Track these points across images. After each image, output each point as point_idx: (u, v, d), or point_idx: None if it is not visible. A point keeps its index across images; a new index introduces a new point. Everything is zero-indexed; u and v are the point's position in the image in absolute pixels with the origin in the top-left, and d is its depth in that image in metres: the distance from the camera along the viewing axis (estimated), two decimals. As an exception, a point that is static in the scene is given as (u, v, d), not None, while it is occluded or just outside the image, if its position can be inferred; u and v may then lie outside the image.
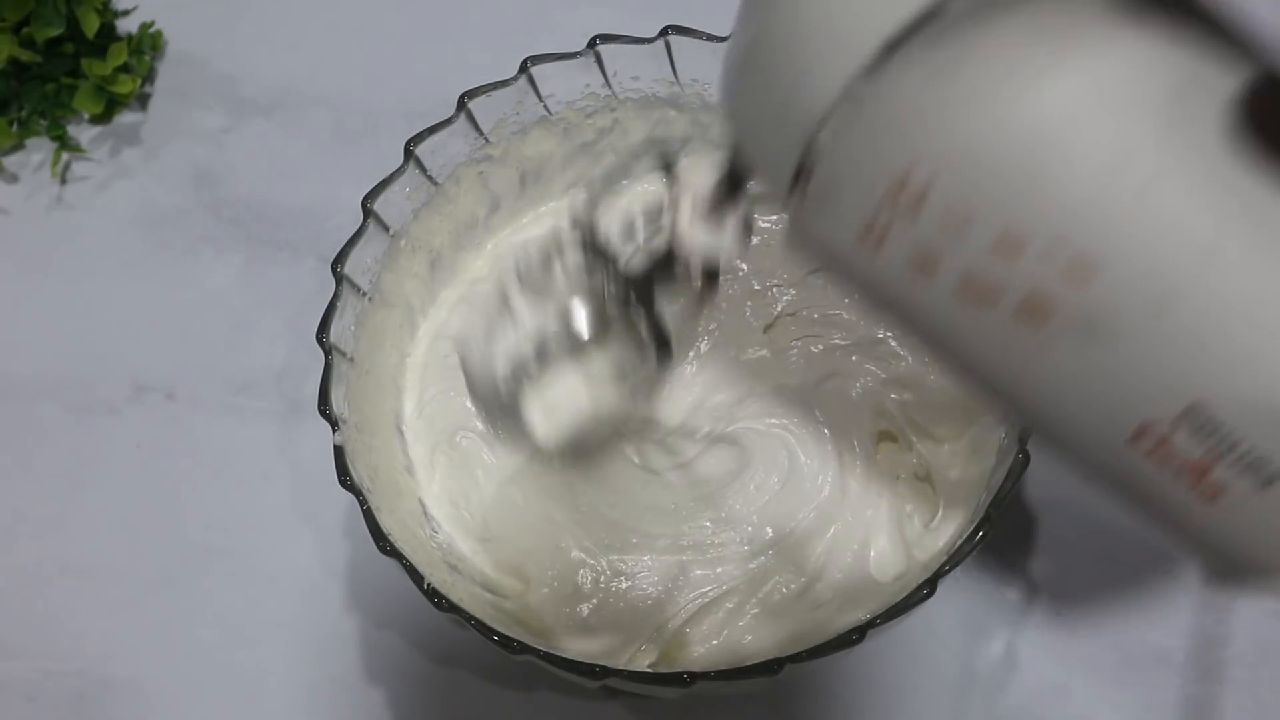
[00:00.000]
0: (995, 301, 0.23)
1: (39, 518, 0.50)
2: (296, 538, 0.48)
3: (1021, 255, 0.22)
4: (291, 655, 0.47)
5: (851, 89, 0.21)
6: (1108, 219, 0.21)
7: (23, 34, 0.55)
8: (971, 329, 0.24)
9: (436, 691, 0.46)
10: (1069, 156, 0.21)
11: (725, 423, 0.45)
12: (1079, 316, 0.22)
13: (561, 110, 0.46)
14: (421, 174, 0.44)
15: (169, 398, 0.52)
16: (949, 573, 0.36)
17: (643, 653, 0.42)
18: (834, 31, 0.21)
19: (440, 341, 0.47)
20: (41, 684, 0.47)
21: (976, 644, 0.45)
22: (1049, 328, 0.23)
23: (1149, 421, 0.23)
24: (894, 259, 0.24)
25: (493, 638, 0.36)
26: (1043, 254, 0.22)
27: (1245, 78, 0.21)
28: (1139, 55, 0.21)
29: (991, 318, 0.23)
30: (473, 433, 0.45)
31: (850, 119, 0.22)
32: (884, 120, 0.22)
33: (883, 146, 0.22)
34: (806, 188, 0.24)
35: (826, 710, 0.45)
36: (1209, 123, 0.21)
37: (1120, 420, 0.23)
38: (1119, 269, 0.22)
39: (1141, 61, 0.21)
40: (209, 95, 0.58)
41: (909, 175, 0.22)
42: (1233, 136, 0.21)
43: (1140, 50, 0.21)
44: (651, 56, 0.44)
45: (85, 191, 0.57)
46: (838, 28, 0.21)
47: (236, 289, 0.54)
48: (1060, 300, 0.22)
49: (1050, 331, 0.23)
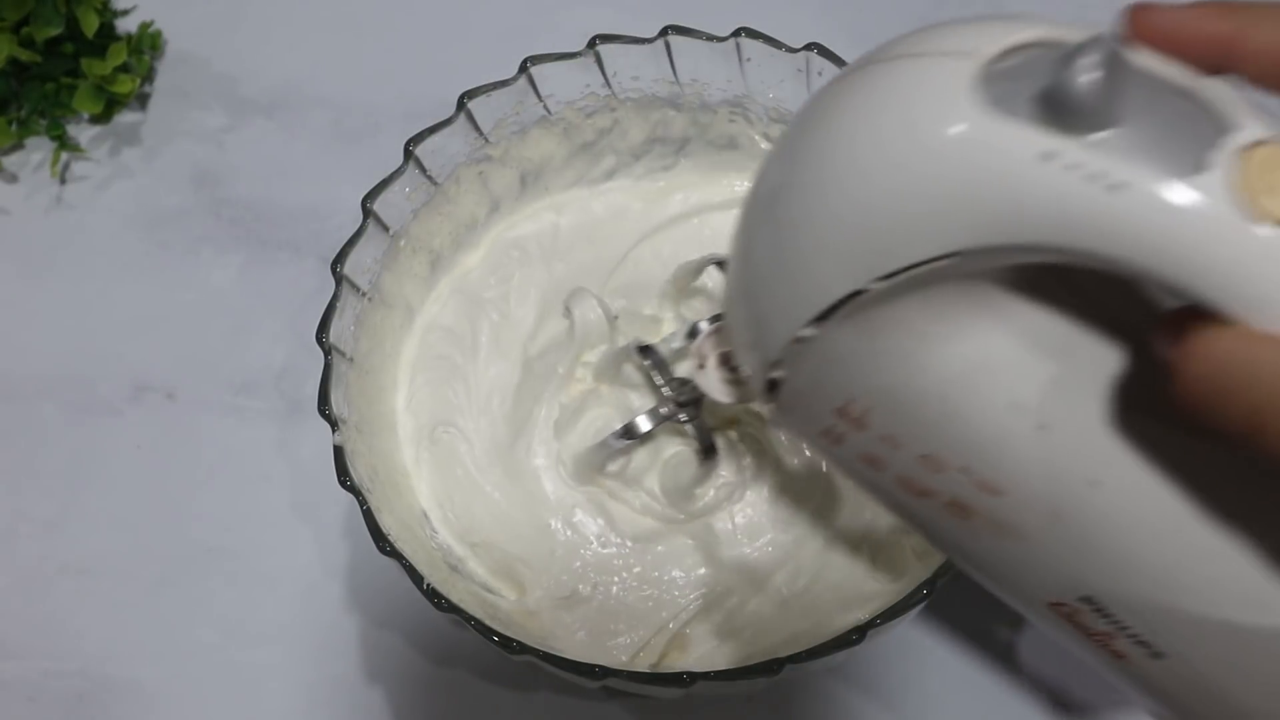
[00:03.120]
0: (928, 497, 0.28)
1: (39, 518, 0.50)
2: (296, 538, 0.48)
3: (941, 471, 0.27)
4: (291, 655, 0.47)
5: (799, 337, 0.27)
6: (1007, 452, 0.26)
7: (22, 33, 0.55)
8: (914, 510, 0.29)
9: (436, 691, 0.46)
10: (969, 406, 0.26)
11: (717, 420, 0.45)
12: (992, 520, 0.27)
13: (561, 110, 0.46)
14: (421, 174, 0.44)
15: (169, 398, 0.52)
16: (949, 573, 0.36)
17: (643, 653, 0.42)
18: (785, 295, 0.27)
19: (431, 333, 0.47)
20: (41, 684, 0.47)
21: (977, 644, 0.45)
22: (971, 523, 0.28)
23: (1058, 599, 0.28)
24: (849, 454, 0.29)
25: (492, 638, 0.36)
26: (957, 473, 0.27)
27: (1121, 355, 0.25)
28: (1027, 320, 0.25)
29: (928, 506, 0.28)
30: (452, 427, 0.45)
31: (800, 358, 0.27)
32: (826, 362, 0.27)
33: (828, 380, 0.28)
34: (777, 397, 0.29)
35: (826, 710, 0.45)
36: (1088, 376, 0.25)
37: (1036, 594, 0.28)
38: (1017, 491, 0.26)
39: (1030, 324, 0.25)
40: (209, 95, 0.58)
41: (849, 403, 0.28)
42: (1113, 398, 0.25)
43: (1029, 316, 0.25)
44: (651, 56, 0.44)
45: (85, 191, 0.57)
46: (787, 294, 0.27)
47: (236, 289, 0.54)
48: (976, 506, 0.27)
49: (973, 525, 0.28)
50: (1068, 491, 0.26)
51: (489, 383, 0.46)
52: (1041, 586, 0.28)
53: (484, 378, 0.46)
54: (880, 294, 0.25)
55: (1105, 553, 0.26)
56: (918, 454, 0.27)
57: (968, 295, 0.25)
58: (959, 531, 0.28)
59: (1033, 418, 0.26)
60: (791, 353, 0.27)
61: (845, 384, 0.28)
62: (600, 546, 0.43)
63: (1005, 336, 0.26)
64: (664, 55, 0.44)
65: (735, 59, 0.43)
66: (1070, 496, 0.26)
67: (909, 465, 0.28)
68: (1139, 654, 0.27)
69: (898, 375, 0.27)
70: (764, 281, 0.27)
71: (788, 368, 0.28)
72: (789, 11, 0.56)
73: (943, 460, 0.27)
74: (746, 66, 0.44)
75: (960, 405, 0.26)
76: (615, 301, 0.46)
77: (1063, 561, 0.27)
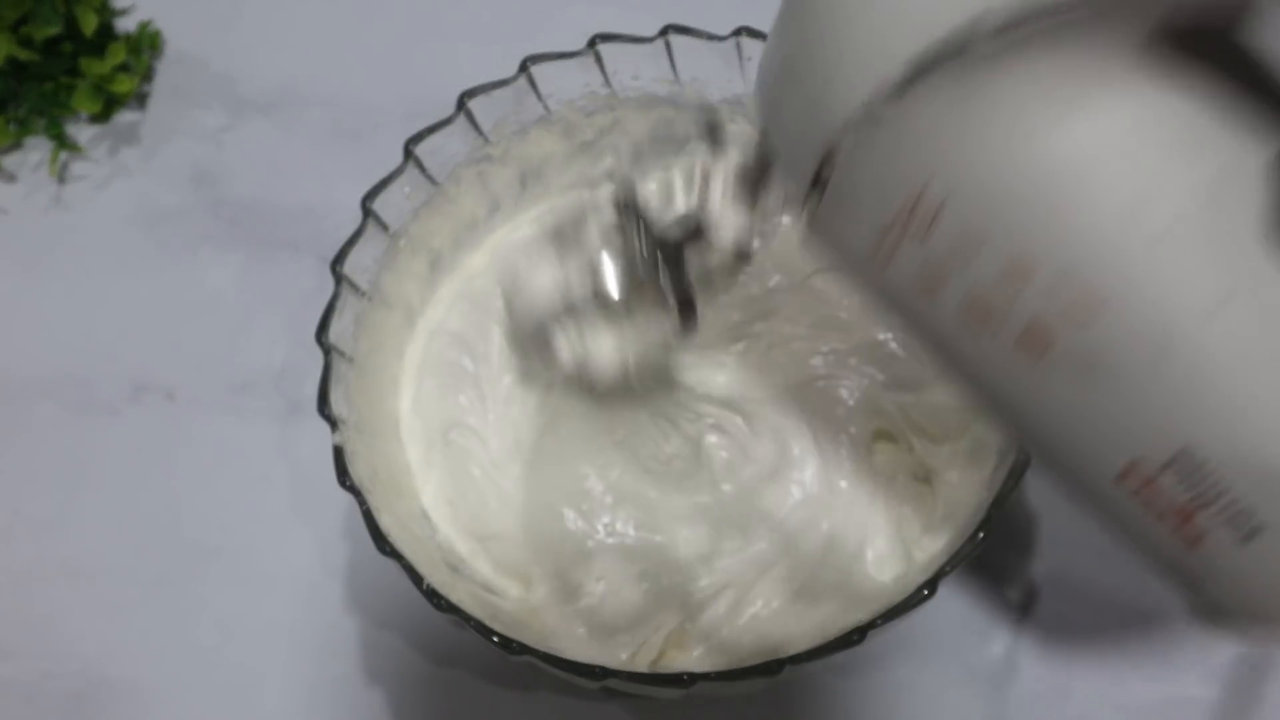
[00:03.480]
0: (997, 328, 0.23)
1: (38, 518, 0.50)
2: (296, 538, 0.48)
3: (1028, 285, 0.22)
4: (291, 655, 0.46)
5: (873, 106, 0.22)
6: (1118, 261, 0.22)
7: (21, 33, 0.55)
8: (972, 353, 0.24)
9: (436, 692, 0.46)
10: (1086, 194, 0.22)
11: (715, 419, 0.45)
12: (1076, 353, 0.22)
13: (561, 110, 0.46)
14: (421, 174, 0.44)
15: (168, 398, 0.52)
16: (949, 573, 0.36)
17: (643, 650, 0.42)
18: (862, 47, 0.22)
19: (437, 338, 0.47)
20: (40, 684, 0.47)
21: (976, 644, 0.45)
22: (1047, 360, 0.23)
23: (1137, 461, 0.23)
24: (902, 275, 0.24)
25: (492, 638, 0.36)
26: (1046, 289, 0.22)
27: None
28: (1167, 106, 0.21)
29: (994, 344, 0.23)
30: (466, 429, 0.45)
31: (869, 135, 0.22)
32: (902, 140, 0.22)
33: (898, 165, 0.23)
34: (823, 193, 0.24)
35: (826, 710, 0.45)
36: (1238, 195, 0.21)
37: (1110, 457, 0.24)
38: (1122, 312, 0.22)
39: (1168, 112, 0.21)
40: (208, 95, 0.58)
41: (923, 195, 0.22)
42: (1261, 217, 0.21)
43: (1169, 101, 0.21)
44: (651, 56, 0.44)
45: (84, 191, 0.57)
46: (866, 43, 0.21)
47: (236, 289, 0.54)
48: (1060, 335, 0.22)
49: (1048, 364, 0.23)
50: (1186, 316, 0.22)
51: (505, 390, 0.46)
52: (1123, 442, 0.23)
53: (499, 384, 0.46)
54: (994, 49, 0.21)
55: (1219, 394, 0.22)
56: (1001, 261, 0.22)
57: (1103, 62, 0.21)
58: (1028, 375, 0.24)
59: (1158, 221, 0.22)
60: (857, 135, 0.23)
61: (919, 172, 0.23)
62: (605, 536, 0.43)
63: (1140, 120, 0.22)
64: (664, 55, 0.44)
65: (735, 58, 0.43)
66: (1187, 322, 0.22)
67: (982, 280, 0.23)
68: (1224, 536, 0.23)
69: (995, 157, 0.22)
70: (827, 40, 0.22)
71: (845, 157, 0.23)
72: (789, 11, 0.56)
73: (1033, 267, 0.22)
74: (747, 66, 0.44)
75: (1072, 197, 0.22)
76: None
77: (1161, 407, 0.22)
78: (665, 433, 0.44)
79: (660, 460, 0.44)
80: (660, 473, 0.44)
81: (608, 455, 0.44)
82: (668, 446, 0.44)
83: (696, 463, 0.44)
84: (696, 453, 0.44)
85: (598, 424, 0.44)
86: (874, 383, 0.45)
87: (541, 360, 0.40)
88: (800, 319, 0.47)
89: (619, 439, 0.44)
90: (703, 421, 0.45)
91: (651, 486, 0.44)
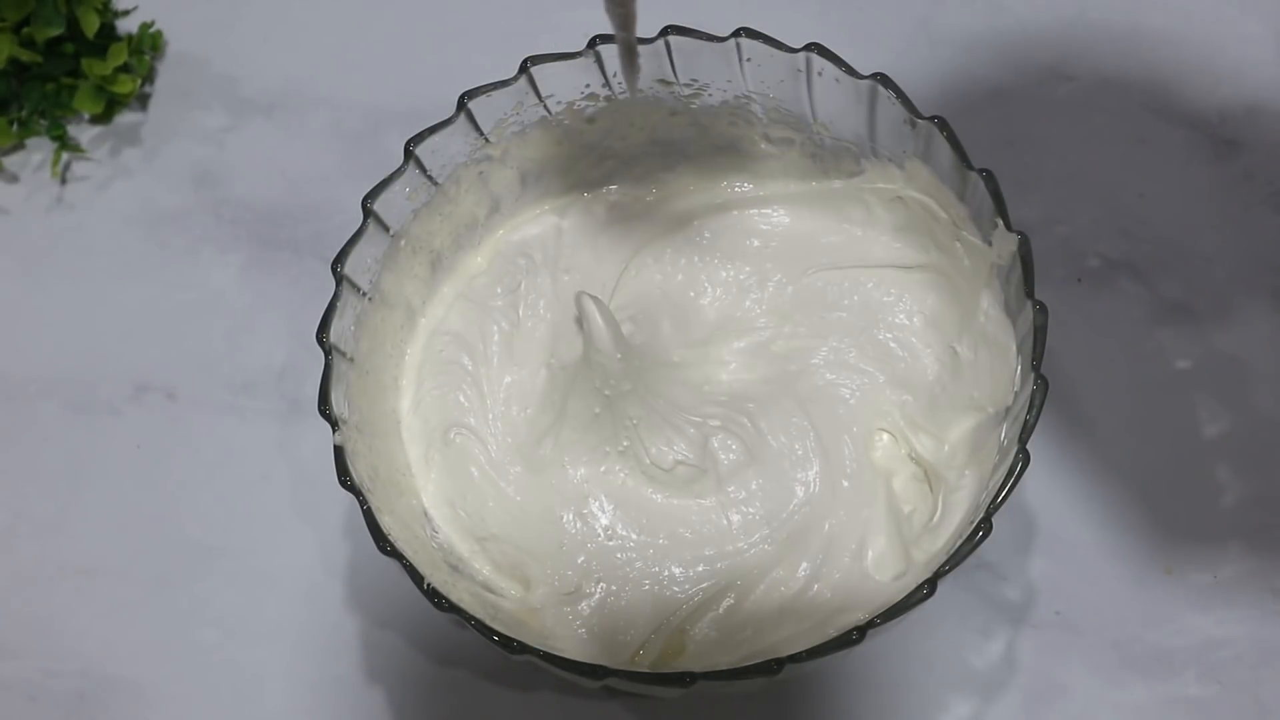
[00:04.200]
0: None
1: (39, 518, 0.50)
2: (296, 538, 0.48)
3: None
4: (291, 655, 0.47)
5: None
6: None
7: (23, 34, 0.55)
8: None
9: (436, 691, 0.46)
10: None
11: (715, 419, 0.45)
12: None
13: (561, 110, 0.46)
14: (421, 174, 0.44)
15: (169, 398, 0.52)
16: (949, 573, 0.36)
17: (643, 653, 0.42)
18: None
19: (437, 338, 0.47)
20: (41, 684, 0.47)
21: (976, 644, 0.45)
22: None
23: None
24: None
25: (493, 638, 0.36)
26: None
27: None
28: None
29: None
30: (466, 429, 0.45)
31: None
32: None
33: None
34: None
35: (826, 710, 0.45)
36: None
37: None
38: None
39: None
40: (209, 95, 0.58)
41: None
42: None
43: None
44: (651, 57, 0.44)
45: (85, 191, 0.57)
46: None
47: (236, 289, 0.54)
48: None
49: None
50: None
51: (505, 390, 0.46)
52: None
53: (499, 384, 0.46)
54: None
55: None
56: None
57: None
58: None
59: None
60: None
61: None
62: (606, 539, 0.43)
63: None
64: (664, 55, 0.44)
65: (735, 59, 0.43)
66: None
67: None
68: None
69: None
70: None
71: None
72: (789, 11, 0.56)
73: None
74: (746, 66, 0.44)
75: None
76: (621, 312, 0.46)
77: None
78: (670, 440, 0.44)
79: (664, 468, 0.44)
80: (664, 479, 0.44)
81: (610, 464, 0.45)
82: (672, 454, 0.44)
83: (701, 468, 0.44)
84: (702, 457, 0.44)
85: (601, 433, 0.44)
86: (874, 383, 0.45)
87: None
88: (801, 319, 0.47)
89: (622, 449, 0.44)
90: (708, 424, 0.45)
91: (655, 492, 0.44)
